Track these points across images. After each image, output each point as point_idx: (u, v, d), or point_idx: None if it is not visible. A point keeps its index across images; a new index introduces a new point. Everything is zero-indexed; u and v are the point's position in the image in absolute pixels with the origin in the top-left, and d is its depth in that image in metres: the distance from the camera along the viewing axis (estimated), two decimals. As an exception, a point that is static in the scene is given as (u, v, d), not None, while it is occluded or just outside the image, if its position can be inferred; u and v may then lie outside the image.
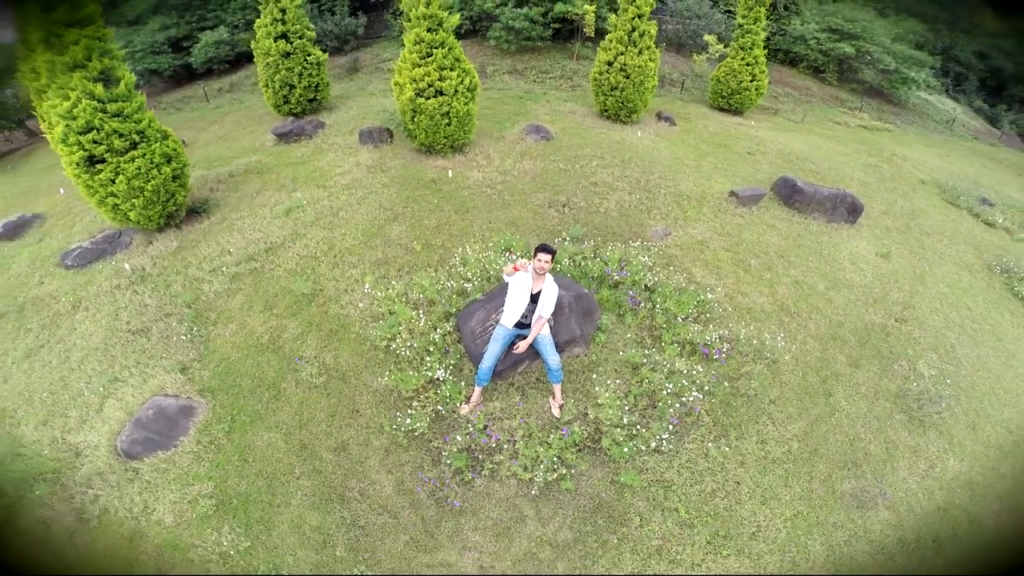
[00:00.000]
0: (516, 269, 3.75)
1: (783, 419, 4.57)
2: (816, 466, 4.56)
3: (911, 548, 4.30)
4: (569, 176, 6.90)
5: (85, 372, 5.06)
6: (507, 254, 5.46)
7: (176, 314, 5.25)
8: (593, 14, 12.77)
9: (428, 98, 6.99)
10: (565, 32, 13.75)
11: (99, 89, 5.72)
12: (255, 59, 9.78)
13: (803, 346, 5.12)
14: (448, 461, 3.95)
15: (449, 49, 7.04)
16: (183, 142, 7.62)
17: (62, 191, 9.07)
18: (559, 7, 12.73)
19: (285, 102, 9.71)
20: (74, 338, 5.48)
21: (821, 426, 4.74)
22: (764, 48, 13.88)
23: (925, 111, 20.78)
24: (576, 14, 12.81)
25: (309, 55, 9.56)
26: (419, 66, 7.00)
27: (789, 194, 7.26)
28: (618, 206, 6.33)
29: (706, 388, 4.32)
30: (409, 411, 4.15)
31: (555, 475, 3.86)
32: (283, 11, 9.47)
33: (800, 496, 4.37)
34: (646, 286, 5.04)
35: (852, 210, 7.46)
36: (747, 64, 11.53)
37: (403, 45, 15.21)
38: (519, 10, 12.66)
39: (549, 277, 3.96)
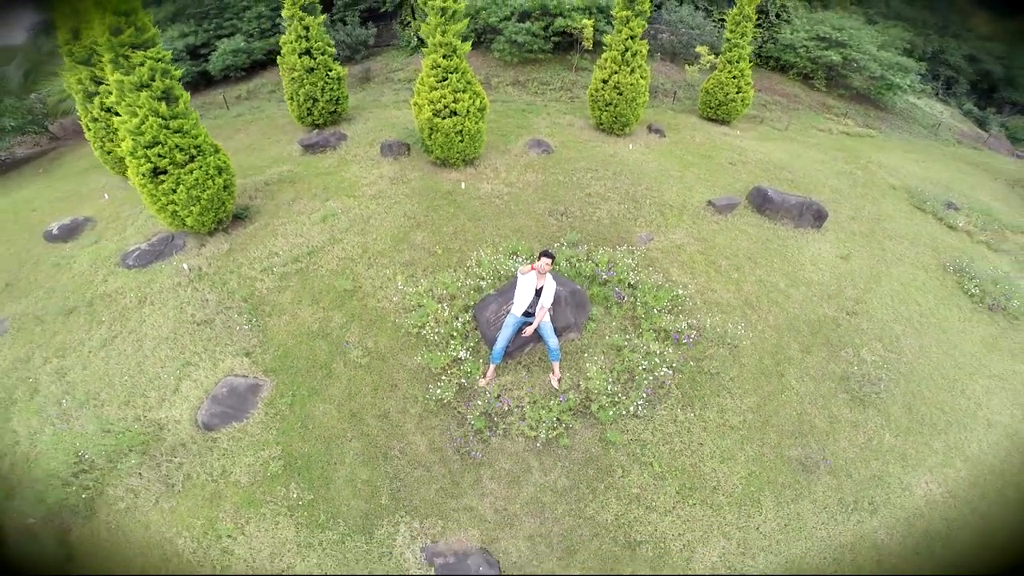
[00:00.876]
0: (532, 268, 4.86)
1: (740, 394, 5.68)
2: (767, 434, 5.66)
3: (850, 509, 5.34)
4: (567, 188, 8.00)
5: (159, 358, 6.13)
6: (514, 257, 6.55)
7: (235, 307, 6.34)
8: (591, 28, 13.80)
9: (444, 118, 8.07)
10: (564, 44, 14.79)
11: (162, 107, 6.69)
12: (280, 73, 10.81)
13: (761, 334, 6.23)
14: (471, 423, 5.05)
15: (462, 74, 8.10)
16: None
17: (106, 196, 10.13)
18: (559, 21, 13.76)
19: (308, 114, 10.75)
20: (144, 329, 6.55)
21: (773, 401, 5.85)
22: (758, 56, 14.74)
23: (912, 115, 21.84)
24: (575, 28, 13.84)
25: (331, 71, 10.59)
26: (436, 89, 8.06)
27: (761, 202, 8.35)
28: (608, 215, 7.43)
29: (675, 366, 5.43)
30: (438, 384, 5.26)
31: (555, 433, 4.97)
32: (307, 28, 10.47)
33: (753, 458, 5.47)
34: (630, 284, 6.15)
35: (818, 216, 8.56)
36: (733, 77, 12.58)
37: (411, 52, 16.13)
38: (522, 24, 13.68)
39: (549, 276, 5.05)
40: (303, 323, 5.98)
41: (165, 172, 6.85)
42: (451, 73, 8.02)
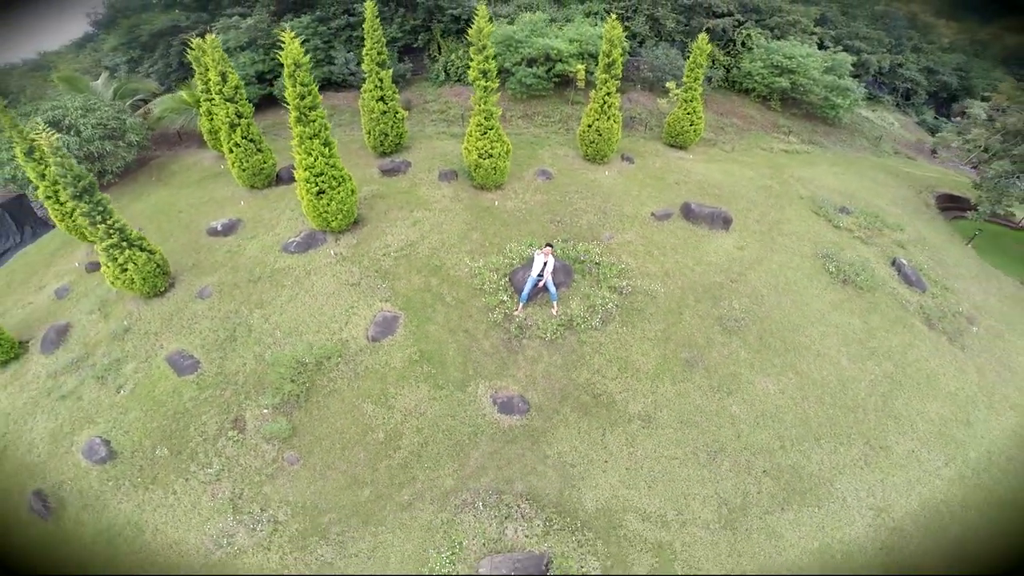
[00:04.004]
0: (546, 252, 10.41)
1: (654, 321, 11.26)
2: (668, 344, 11.24)
3: (716, 390, 10.80)
4: (561, 204, 13.56)
5: (332, 305, 11.62)
6: (530, 247, 12.11)
7: (372, 275, 11.85)
8: (583, 71, 19.28)
9: (484, 158, 13.56)
10: (562, 82, 20.24)
11: (325, 150, 12.06)
12: (361, 113, 16.18)
13: (671, 291, 11.81)
14: (511, 332, 10.64)
15: (496, 130, 13.56)
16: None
17: (243, 203, 15.54)
18: (559, 66, 19.24)
19: (381, 144, 16.20)
20: (316, 289, 12.04)
21: (673, 327, 11.42)
22: (725, 80, 20.28)
23: (860, 128, 27.39)
24: (571, 71, 19.31)
25: (397, 113, 16.03)
26: (480, 140, 13.52)
27: (687, 213, 13.92)
28: (587, 222, 13.00)
29: (618, 305, 11.04)
30: (493, 314, 10.84)
31: (555, 336, 10.57)
32: (381, 80, 15.75)
33: (659, 356, 11.05)
34: (596, 262, 11.77)
35: (726, 221, 14.12)
36: (688, 113, 18.06)
37: (439, 84, 21.67)
38: (529, 69, 19.15)
39: (551, 256, 10.62)
40: (414, 284, 11.54)
41: (324, 192, 12.27)
42: (489, 130, 13.49)
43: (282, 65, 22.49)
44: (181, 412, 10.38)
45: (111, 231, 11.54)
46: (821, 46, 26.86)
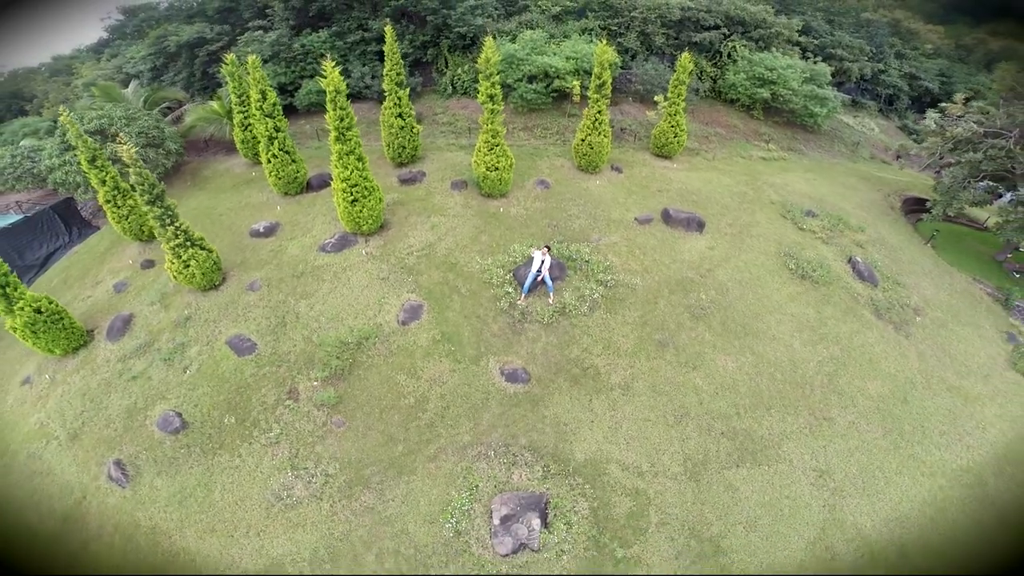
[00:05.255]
0: (543, 252, 13.11)
1: (633, 309, 13.96)
2: (645, 328, 13.95)
3: (683, 364, 13.58)
4: (557, 211, 16.25)
5: (366, 295, 14.30)
6: (531, 248, 14.81)
7: (399, 271, 14.54)
8: (579, 86, 21.91)
9: (491, 171, 16.21)
10: (560, 96, 22.88)
11: (359, 164, 14.71)
12: (381, 127, 18.83)
13: (648, 284, 14.52)
14: (515, 317, 13.36)
15: (501, 146, 16.19)
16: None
17: (279, 208, 18.19)
18: (556, 82, 21.87)
19: (399, 156, 18.85)
20: (352, 282, 14.71)
21: (649, 314, 14.13)
22: (712, 91, 23.01)
23: (839, 134, 30.05)
24: (567, 87, 21.94)
25: (414, 128, 18.68)
26: (487, 155, 16.17)
27: (666, 218, 16.59)
28: (579, 226, 15.70)
29: (603, 295, 13.77)
30: (500, 302, 13.54)
31: (551, 321, 13.29)
32: (399, 99, 18.38)
33: (636, 338, 13.77)
34: (586, 260, 14.49)
35: (700, 225, 16.81)
36: (672, 126, 20.70)
37: (447, 97, 24.47)
38: (530, 85, 21.78)
39: (548, 255, 13.32)
40: (434, 278, 14.24)
41: (357, 200, 14.91)
42: (496, 146, 16.13)
43: (302, 76, 25.19)
44: (243, 386, 13.02)
45: (177, 232, 14.17)
46: (805, 54, 29.46)
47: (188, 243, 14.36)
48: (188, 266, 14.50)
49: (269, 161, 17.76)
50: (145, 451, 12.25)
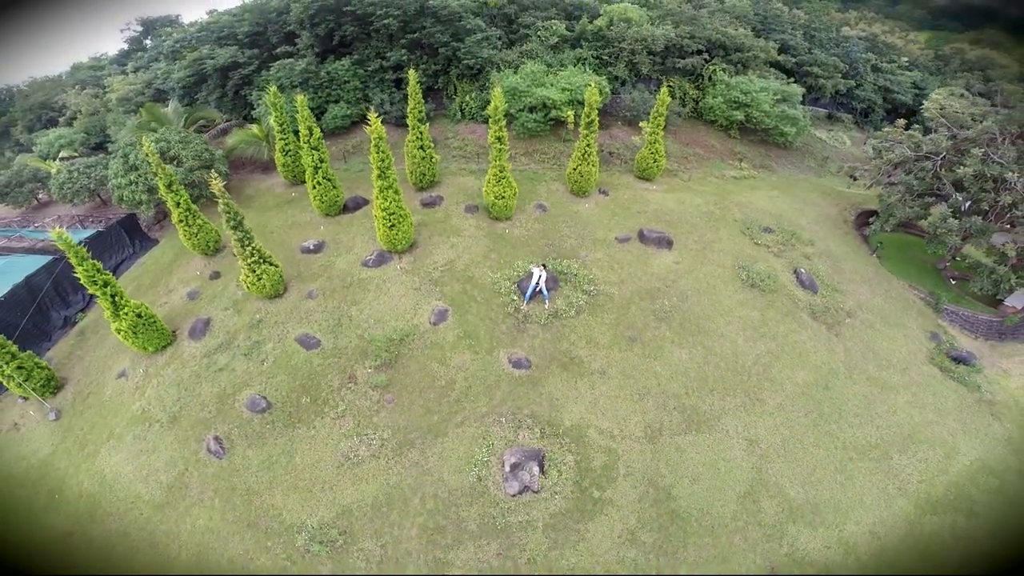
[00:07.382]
0: (541, 267, 18.17)
1: (610, 313, 19.04)
2: (618, 327, 19.04)
3: (648, 356, 18.69)
4: (552, 232, 21.25)
5: (404, 302, 19.35)
6: (531, 263, 19.83)
7: (427, 283, 19.57)
8: (573, 115, 26.74)
9: (498, 199, 21.16)
10: (556, 124, 27.69)
11: (396, 197, 19.62)
12: (405, 157, 23.70)
13: (623, 293, 19.58)
14: (519, 318, 18.45)
15: (507, 178, 21.09)
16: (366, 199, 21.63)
17: (322, 228, 23.10)
18: (554, 112, 26.70)
19: (420, 181, 23.75)
20: (391, 292, 19.72)
21: (622, 316, 19.21)
22: (694, 112, 28.02)
23: (811, 149, 34.90)
24: (563, 116, 26.77)
25: (433, 158, 23.55)
26: (496, 185, 21.08)
27: (641, 237, 21.61)
28: (570, 245, 20.71)
29: (587, 302, 18.88)
30: (507, 307, 18.62)
31: (546, 321, 18.38)
32: (421, 133, 23.22)
33: (612, 335, 18.88)
34: (575, 274, 19.56)
35: (669, 243, 21.83)
36: (652, 152, 25.56)
37: (456, 121, 29.68)
38: (530, 115, 26.62)
39: (544, 270, 18.38)
40: (456, 288, 19.28)
41: (395, 225, 19.83)
42: (503, 178, 21.03)
43: (327, 101, 29.96)
44: (313, 374, 18.01)
45: (254, 252, 19.09)
46: (782, 73, 34.12)
47: (261, 260, 19.28)
48: (260, 279, 19.44)
49: (315, 187, 22.60)
50: (237, 428, 16.95)
